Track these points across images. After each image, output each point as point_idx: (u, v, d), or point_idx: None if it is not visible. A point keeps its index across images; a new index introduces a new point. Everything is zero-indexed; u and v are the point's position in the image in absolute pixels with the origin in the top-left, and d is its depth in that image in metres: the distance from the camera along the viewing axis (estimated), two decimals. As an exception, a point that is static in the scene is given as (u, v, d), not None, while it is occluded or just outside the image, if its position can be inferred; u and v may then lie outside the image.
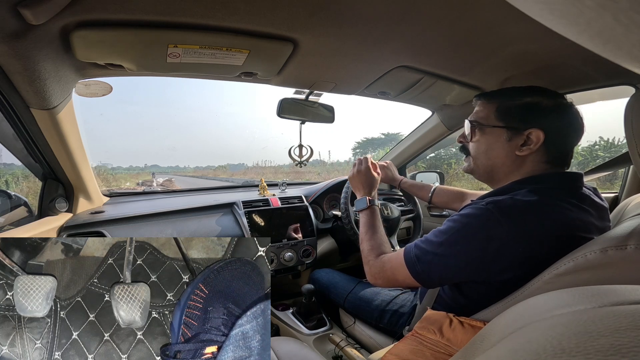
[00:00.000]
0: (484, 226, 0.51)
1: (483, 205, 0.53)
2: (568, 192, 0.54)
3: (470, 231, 0.52)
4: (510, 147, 0.57)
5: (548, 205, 0.51)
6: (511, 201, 0.51)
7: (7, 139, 0.78)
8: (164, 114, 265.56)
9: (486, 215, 0.51)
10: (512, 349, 0.21)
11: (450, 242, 0.53)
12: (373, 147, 22.78)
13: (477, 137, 0.62)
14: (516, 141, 0.57)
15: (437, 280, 0.56)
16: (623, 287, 0.26)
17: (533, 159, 0.57)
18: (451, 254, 0.53)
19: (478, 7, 0.53)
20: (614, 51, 0.14)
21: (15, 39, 0.49)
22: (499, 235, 0.49)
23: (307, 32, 0.60)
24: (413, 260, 0.57)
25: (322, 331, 0.97)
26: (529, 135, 0.56)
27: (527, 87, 0.61)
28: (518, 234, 0.49)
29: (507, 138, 0.58)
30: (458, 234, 0.53)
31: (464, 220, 0.53)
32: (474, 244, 0.51)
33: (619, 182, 1.04)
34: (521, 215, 0.50)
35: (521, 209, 0.50)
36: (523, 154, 0.56)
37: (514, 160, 0.58)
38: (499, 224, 0.49)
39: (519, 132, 0.57)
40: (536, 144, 0.55)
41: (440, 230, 0.56)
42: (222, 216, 1.11)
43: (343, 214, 0.99)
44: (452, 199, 0.97)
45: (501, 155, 0.59)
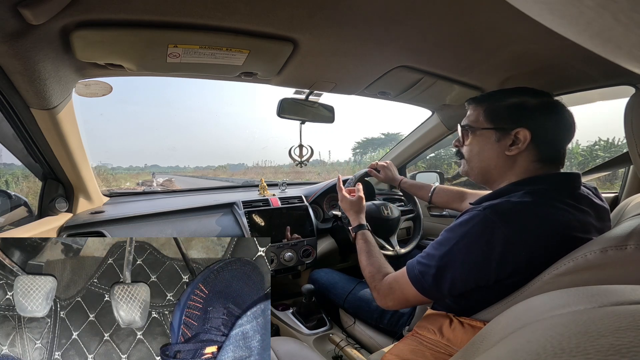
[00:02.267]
0: (483, 232, 0.50)
1: (480, 210, 0.52)
2: (564, 193, 0.54)
3: (471, 239, 0.51)
4: (500, 147, 0.58)
5: (544, 206, 0.51)
6: (508, 204, 0.51)
7: (7, 139, 0.78)
8: (164, 114, 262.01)
9: (484, 221, 0.51)
10: (512, 349, 0.21)
11: (452, 253, 0.52)
12: (373, 147, 22.77)
13: (469, 140, 0.63)
14: (505, 142, 0.58)
15: (447, 292, 0.54)
16: (623, 287, 0.26)
17: (524, 158, 0.57)
18: (454, 265, 0.52)
19: (478, 7, 0.53)
20: (614, 51, 0.14)
21: (15, 39, 0.49)
22: (499, 240, 0.49)
23: (307, 32, 0.60)
24: (418, 277, 0.56)
25: (322, 331, 0.97)
26: (517, 135, 0.56)
27: (515, 88, 0.62)
28: (518, 237, 0.48)
29: (496, 139, 0.59)
30: (458, 244, 0.52)
31: (462, 229, 0.53)
32: (475, 252, 0.51)
33: (619, 182, 1.04)
34: (519, 218, 0.50)
35: (518, 211, 0.50)
36: (512, 153, 0.57)
37: (505, 160, 0.59)
38: (498, 228, 0.49)
39: (506, 132, 0.58)
40: (524, 142, 0.56)
41: (439, 242, 0.55)
42: (222, 216, 1.11)
43: (343, 214, 0.99)
44: (452, 199, 0.97)
45: (492, 157, 0.60)
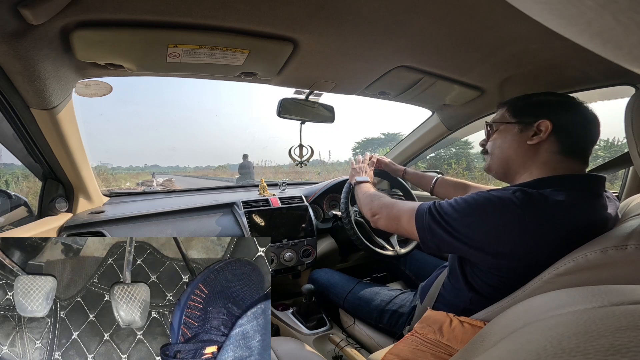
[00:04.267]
0: (504, 209, 0.51)
1: (511, 191, 0.53)
2: (589, 194, 0.54)
3: (491, 209, 0.52)
4: (522, 138, 0.61)
5: (574, 204, 0.51)
6: (538, 195, 0.52)
7: (7, 139, 0.78)
8: (164, 114, 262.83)
9: (510, 201, 0.51)
10: (512, 349, 0.21)
11: (465, 213, 0.54)
12: (373, 147, 22.78)
13: (494, 135, 0.67)
14: (527, 132, 0.60)
15: (435, 246, 0.58)
16: (623, 287, 0.26)
17: (545, 149, 0.59)
18: (461, 225, 0.54)
19: (478, 7, 0.53)
20: (614, 51, 0.14)
21: (15, 39, 0.49)
22: (517, 223, 0.50)
23: (307, 32, 0.60)
24: (424, 214, 0.59)
25: (322, 331, 0.97)
26: (539, 126, 0.59)
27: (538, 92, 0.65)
28: (536, 228, 0.49)
29: (518, 130, 0.62)
30: (476, 208, 0.54)
31: (487, 196, 0.54)
32: (488, 222, 0.52)
33: (619, 182, 1.04)
34: (545, 210, 0.50)
35: (547, 203, 0.51)
36: (534, 142, 0.59)
37: (527, 150, 0.60)
38: (521, 212, 0.50)
39: (529, 125, 0.60)
40: (545, 132, 0.58)
41: (463, 198, 0.57)
42: (222, 216, 1.11)
43: (343, 214, 0.99)
44: (454, 190, 0.96)
45: (514, 147, 0.62)
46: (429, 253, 0.61)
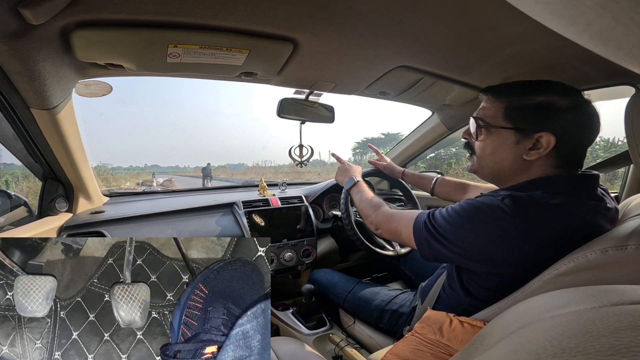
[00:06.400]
0: (494, 218, 0.50)
1: (499, 198, 0.51)
2: (584, 194, 0.52)
3: (481, 219, 0.51)
4: (518, 150, 0.54)
5: (565, 207, 0.49)
6: (528, 199, 0.50)
7: (7, 139, 0.78)
8: (164, 114, 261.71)
9: (499, 209, 0.50)
10: (512, 349, 0.21)
11: (457, 225, 0.53)
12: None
13: (483, 136, 0.59)
14: (524, 144, 0.54)
15: (433, 258, 0.58)
16: (623, 287, 0.26)
17: (542, 163, 0.54)
18: (455, 238, 0.53)
19: (478, 7, 0.52)
20: (614, 51, 0.14)
21: (15, 39, 0.49)
22: (508, 231, 0.48)
23: (307, 32, 0.60)
24: (421, 228, 0.58)
25: (322, 331, 0.97)
26: (539, 139, 0.52)
27: (541, 82, 0.56)
28: (528, 234, 0.48)
29: (514, 141, 0.54)
30: (466, 219, 0.52)
31: (476, 205, 0.52)
32: (479, 233, 0.51)
33: (619, 182, 1.04)
34: (536, 215, 0.49)
35: (537, 208, 0.49)
36: (531, 158, 0.53)
37: (521, 164, 0.55)
38: (511, 219, 0.48)
39: (528, 134, 0.53)
40: (546, 148, 0.52)
41: (454, 208, 0.55)
42: (222, 216, 1.11)
43: (343, 214, 0.99)
44: (454, 190, 0.96)
45: (507, 159, 0.56)
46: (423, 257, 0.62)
